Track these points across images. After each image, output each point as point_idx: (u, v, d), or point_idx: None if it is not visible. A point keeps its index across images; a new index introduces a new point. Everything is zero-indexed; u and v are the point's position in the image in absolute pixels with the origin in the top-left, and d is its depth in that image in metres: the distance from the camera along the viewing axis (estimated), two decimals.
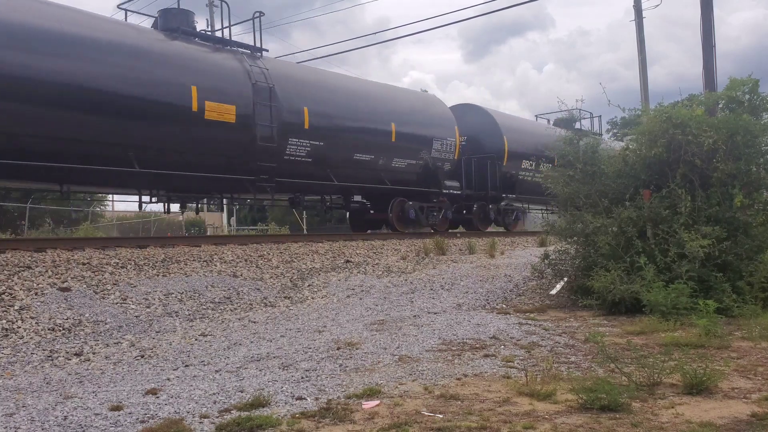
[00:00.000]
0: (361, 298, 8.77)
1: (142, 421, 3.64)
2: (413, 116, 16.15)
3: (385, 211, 15.80)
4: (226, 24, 13.16)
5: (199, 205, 17.92)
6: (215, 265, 9.53)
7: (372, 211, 16.67)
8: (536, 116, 25.91)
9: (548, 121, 23.84)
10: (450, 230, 18.45)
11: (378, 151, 14.80)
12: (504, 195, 19.48)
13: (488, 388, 4.25)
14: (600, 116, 24.25)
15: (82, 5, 11.54)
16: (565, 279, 9.05)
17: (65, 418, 3.72)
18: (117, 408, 3.88)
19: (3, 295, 6.87)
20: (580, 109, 10.84)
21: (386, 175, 15.17)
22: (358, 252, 11.93)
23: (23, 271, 7.72)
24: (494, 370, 4.73)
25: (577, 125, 16.19)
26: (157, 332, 6.68)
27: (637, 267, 7.49)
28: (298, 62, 17.97)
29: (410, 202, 15.88)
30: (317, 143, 13.19)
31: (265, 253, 10.78)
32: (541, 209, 22.09)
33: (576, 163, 9.01)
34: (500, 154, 19.05)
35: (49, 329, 6.35)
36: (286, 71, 13.58)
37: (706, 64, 13.25)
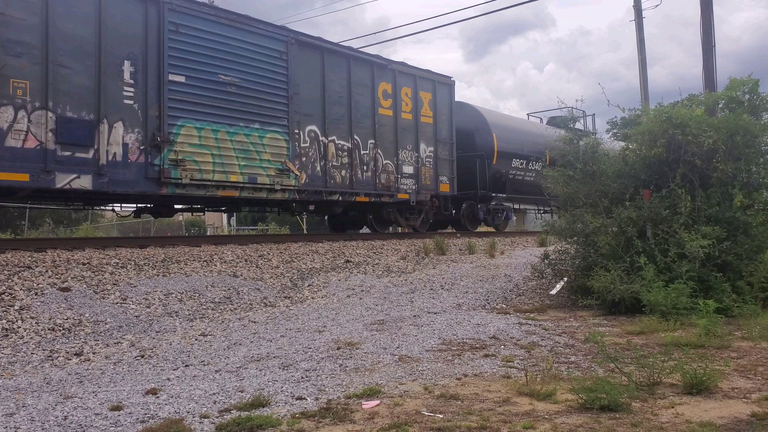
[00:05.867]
0: (361, 298, 8.77)
1: (142, 421, 3.64)
2: None
3: None
4: None
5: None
6: (215, 265, 9.53)
7: None
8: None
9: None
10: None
11: None
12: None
13: (488, 388, 4.25)
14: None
15: None
16: (565, 279, 9.06)
17: (65, 418, 3.72)
18: (117, 408, 3.89)
19: (3, 295, 6.87)
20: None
21: None
22: (358, 252, 11.92)
23: (23, 271, 7.72)
24: (494, 370, 4.73)
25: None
26: (157, 332, 6.68)
27: (637, 267, 7.49)
28: None
29: None
30: None
31: (265, 253, 10.77)
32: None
33: (576, 163, 9.01)
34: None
35: (49, 329, 6.35)
36: None
37: (706, 64, 13.24)
